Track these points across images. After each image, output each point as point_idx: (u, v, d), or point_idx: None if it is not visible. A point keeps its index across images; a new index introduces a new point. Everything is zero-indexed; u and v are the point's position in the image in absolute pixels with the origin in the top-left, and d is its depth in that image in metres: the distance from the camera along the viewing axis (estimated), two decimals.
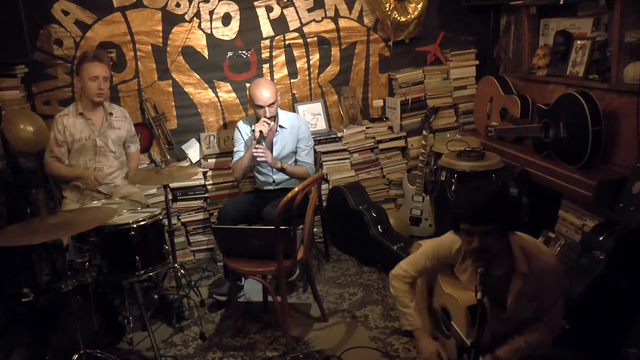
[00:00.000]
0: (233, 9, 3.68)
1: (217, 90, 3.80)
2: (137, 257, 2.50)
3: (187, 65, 3.70)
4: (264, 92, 3.04)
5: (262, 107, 3.05)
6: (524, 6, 3.48)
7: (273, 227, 2.46)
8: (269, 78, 3.82)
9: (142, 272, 2.54)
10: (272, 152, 3.22)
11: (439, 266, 2.15)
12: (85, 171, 2.98)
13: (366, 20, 3.91)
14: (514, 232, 1.94)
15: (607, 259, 2.28)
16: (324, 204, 3.69)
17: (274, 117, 3.14)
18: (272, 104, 3.06)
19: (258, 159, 3.05)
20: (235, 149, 3.30)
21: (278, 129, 3.23)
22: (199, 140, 3.82)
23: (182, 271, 2.97)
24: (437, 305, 2.22)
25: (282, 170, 3.17)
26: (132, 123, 3.25)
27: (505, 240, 1.90)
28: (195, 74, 3.73)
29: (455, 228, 1.94)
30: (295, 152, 3.29)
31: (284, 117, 3.25)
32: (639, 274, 2.27)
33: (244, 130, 3.27)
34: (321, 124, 3.94)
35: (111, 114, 3.08)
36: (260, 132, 3.03)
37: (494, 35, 3.98)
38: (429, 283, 2.28)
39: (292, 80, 3.92)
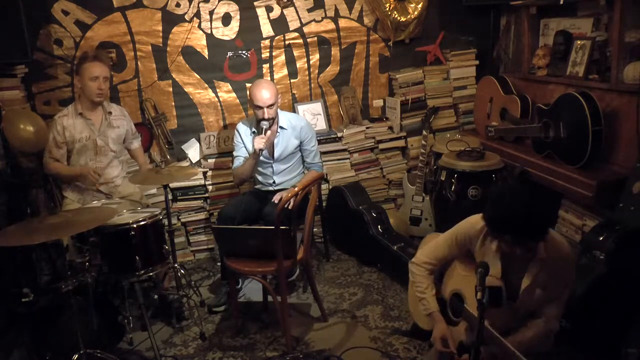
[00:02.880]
0: (233, 9, 3.68)
1: (217, 90, 3.80)
2: (137, 257, 2.50)
3: (187, 65, 3.70)
4: (263, 93, 3.03)
5: (261, 107, 3.04)
6: (524, 6, 3.48)
7: (273, 227, 2.46)
8: (268, 78, 3.82)
9: (142, 272, 2.54)
10: (273, 153, 3.22)
11: (457, 254, 2.19)
12: (83, 168, 2.98)
13: (366, 20, 3.91)
14: None
15: (607, 259, 2.28)
16: (324, 204, 3.69)
17: (273, 119, 3.13)
18: (272, 105, 3.05)
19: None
20: (235, 154, 3.29)
21: (279, 130, 3.22)
22: (199, 140, 3.82)
23: (182, 271, 2.97)
24: (448, 292, 2.23)
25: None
26: (132, 121, 3.25)
27: None
28: (195, 74, 3.73)
29: (494, 231, 1.92)
30: (296, 152, 3.29)
31: (284, 117, 3.25)
32: (639, 274, 2.27)
33: (243, 133, 3.26)
34: (321, 124, 3.94)
35: (110, 112, 3.08)
36: (260, 149, 3.03)
37: (494, 35, 3.97)
38: (441, 270, 2.31)
39: (292, 80, 3.91)
